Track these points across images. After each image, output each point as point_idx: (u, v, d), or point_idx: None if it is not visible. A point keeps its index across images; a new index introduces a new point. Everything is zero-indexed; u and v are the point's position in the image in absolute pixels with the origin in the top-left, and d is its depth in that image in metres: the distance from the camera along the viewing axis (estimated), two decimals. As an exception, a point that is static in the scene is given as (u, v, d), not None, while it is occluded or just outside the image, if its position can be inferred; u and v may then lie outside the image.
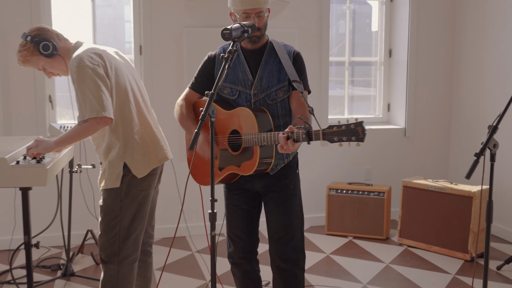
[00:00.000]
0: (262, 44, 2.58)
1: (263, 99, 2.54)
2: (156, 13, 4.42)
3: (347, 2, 5.22)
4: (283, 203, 2.62)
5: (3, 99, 4.18)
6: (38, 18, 4.18)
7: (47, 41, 2.53)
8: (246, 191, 2.66)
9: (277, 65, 2.55)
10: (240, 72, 2.55)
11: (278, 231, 2.62)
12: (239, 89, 2.56)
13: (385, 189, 4.56)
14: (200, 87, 2.64)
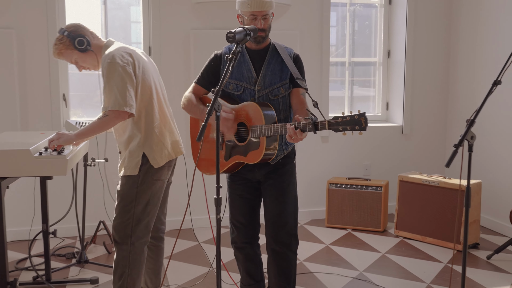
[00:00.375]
0: (265, 45, 2.82)
1: (266, 95, 2.77)
2: (165, 16, 4.66)
3: (347, 5, 5.44)
4: (280, 189, 2.85)
5: (21, 98, 4.42)
6: (54, 21, 4.43)
7: (82, 37, 2.78)
8: (248, 181, 2.90)
9: (279, 65, 2.78)
10: (245, 70, 2.79)
11: (273, 216, 2.86)
12: (243, 85, 2.79)
13: (382, 184, 4.79)
14: (206, 82, 2.88)
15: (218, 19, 4.76)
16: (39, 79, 4.47)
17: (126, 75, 2.65)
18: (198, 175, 2.84)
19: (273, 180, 2.85)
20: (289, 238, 2.87)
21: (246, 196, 2.93)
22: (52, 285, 3.54)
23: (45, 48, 4.44)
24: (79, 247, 4.23)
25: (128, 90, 2.63)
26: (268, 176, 2.85)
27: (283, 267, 2.90)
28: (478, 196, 4.36)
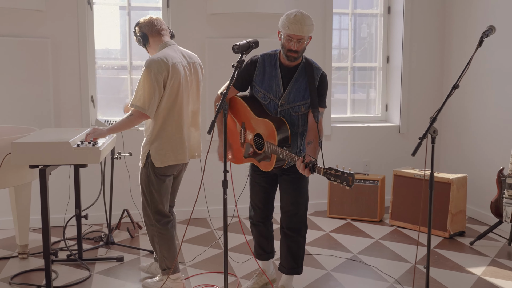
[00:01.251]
0: (297, 63, 3.17)
1: (288, 110, 3.20)
2: (182, 26, 5.18)
3: (349, 14, 5.92)
4: (293, 184, 3.33)
5: (55, 99, 4.97)
6: (84, 30, 4.98)
7: (142, 34, 3.39)
8: (266, 173, 3.37)
9: (305, 84, 3.18)
10: (274, 84, 3.20)
11: (287, 205, 3.36)
12: (270, 97, 3.22)
13: (379, 178, 5.25)
14: (239, 83, 3.29)
15: (230, 29, 5.28)
16: (70, 82, 5.02)
17: (157, 84, 3.17)
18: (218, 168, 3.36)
19: (288, 177, 3.32)
20: (300, 224, 3.38)
21: (263, 184, 3.44)
22: (83, 262, 4.07)
23: (76, 55, 4.99)
24: (105, 232, 4.77)
25: (154, 96, 3.16)
26: (283, 172, 3.32)
27: (293, 249, 3.40)
28: (464, 188, 4.81)
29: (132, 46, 5.37)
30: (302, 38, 3.03)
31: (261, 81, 3.21)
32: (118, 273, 3.91)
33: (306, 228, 3.42)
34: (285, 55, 3.10)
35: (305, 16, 3.03)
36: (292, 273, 3.43)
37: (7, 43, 4.78)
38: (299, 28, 2.99)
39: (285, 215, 3.37)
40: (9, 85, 4.82)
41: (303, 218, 3.39)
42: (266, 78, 3.22)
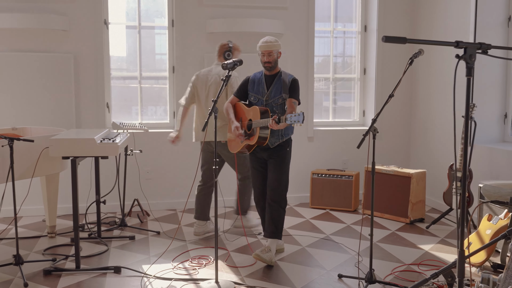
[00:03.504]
0: (275, 72, 4.40)
1: (270, 103, 4.32)
2: (185, 42, 6.06)
3: (331, 33, 6.79)
4: (276, 165, 4.35)
5: (76, 105, 5.85)
6: (101, 47, 5.86)
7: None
8: (259, 159, 4.46)
9: (281, 85, 4.30)
10: (261, 87, 4.38)
11: (271, 182, 4.36)
12: (258, 96, 4.38)
13: (353, 174, 6.10)
14: (239, 94, 4.52)
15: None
16: (89, 91, 5.90)
17: (192, 87, 4.69)
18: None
19: (273, 159, 4.37)
20: (280, 198, 4.35)
21: (258, 168, 4.49)
22: (102, 240, 4.93)
23: (94, 68, 5.87)
24: (118, 218, 5.62)
25: (188, 94, 4.71)
26: (270, 156, 4.37)
27: (274, 217, 4.34)
28: (423, 181, 5.65)
29: (142, 60, 6.25)
30: (270, 52, 4.28)
31: (252, 89, 4.41)
32: (131, 248, 4.77)
33: (285, 202, 4.38)
34: (263, 66, 4.33)
35: (270, 38, 4.31)
36: (273, 237, 4.32)
37: (36, 58, 5.67)
38: (266, 45, 4.29)
39: (270, 189, 4.34)
40: (38, 93, 5.70)
41: (283, 193, 4.36)
42: (255, 86, 4.39)
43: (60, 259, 4.40)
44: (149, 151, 5.99)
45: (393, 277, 4.02)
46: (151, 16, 6.34)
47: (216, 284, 3.80)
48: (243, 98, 4.52)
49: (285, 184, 4.38)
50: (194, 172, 5.79)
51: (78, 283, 3.92)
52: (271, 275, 4.10)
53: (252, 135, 4.27)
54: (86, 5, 5.78)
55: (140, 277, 4.02)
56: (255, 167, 4.53)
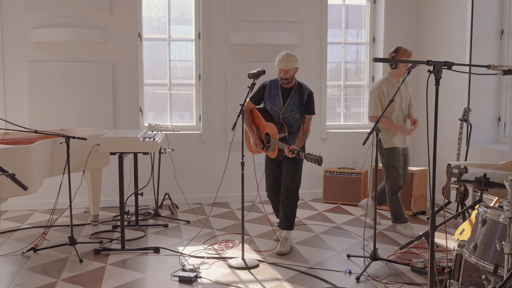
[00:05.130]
0: (291, 85, 4.79)
1: (287, 117, 4.80)
2: (211, 53, 6.76)
3: (342, 43, 7.45)
4: (290, 167, 4.85)
5: (114, 109, 6.56)
6: (136, 57, 6.58)
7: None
8: (274, 161, 4.96)
9: (297, 99, 4.76)
10: (277, 100, 4.81)
11: (285, 181, 4.88)
12: (275, 108, 4.84)
13: (362, 171, 6.74)
14: (255, 100, 4.95)
15: (248, 56, 6.84)
16: (125, 97, 6.62)
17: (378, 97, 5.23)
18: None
19: (288, 161, 4.85)
20: (293, 195, 4.88)
21: (273, 168, 5.03)
22: (140, 227, 5.61)
23: (129, 76, 6.58)
24: (151, 209, 6.31)
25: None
26: (285, 159, 4.85)
27: (287, 212, 4.92)
28: (425, 178, 6.27)
29: (171, 69, 6.96)
30: (288, 70, 4.63)
31: (269, 98, 4.83)
32: (165, 233, 5.45)
33: (297, 199, 4.93)
34: (280, 82, 4.74)
35: (289, 55, 4.63)
36: (286, 229, 4.94)
37: (80, 67, 6.40)
38: (284, 64, 4.62)
39: (284, 188, 4.90)
40: (80, 99, 6.42)
41: (296, 191, 4.90)
42: (272, 96, 4.84)
43: (106, 241, 5.10)
44: (178, 150, 6.68)
45: (394, 257, 4.65)
46: (179, 29, 7.05)
47: (243, 261, 4.47)
48: (259, 103, 4.98)
49: (298, 183, 4.89)
50: (220, 170, 6.49)
51: (124, 260, 4.60)
52: (289, 255, 4.75)
53: (271, 150, 4.80)
54: (123, 20, 6.50)
55: (176, 256, 4.69)
56: (270, 167, 5.05)
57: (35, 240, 5.02)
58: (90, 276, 4.22)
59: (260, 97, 4.93)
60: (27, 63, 6.30)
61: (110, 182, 6.44)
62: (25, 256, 4.70)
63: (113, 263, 4.52)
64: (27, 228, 5.62)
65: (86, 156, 5.09)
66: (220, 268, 4.42)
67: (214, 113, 6.83)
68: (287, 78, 4.69)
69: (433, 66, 2.33)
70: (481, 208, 2.68)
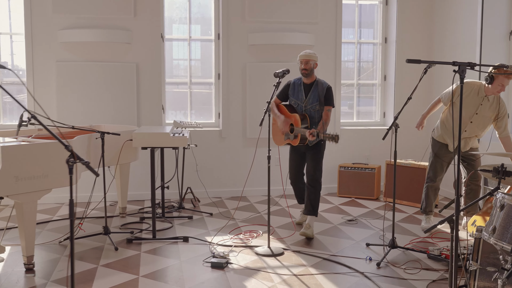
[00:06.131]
0: (312, 81, 5.27)
1: (309, 108, 5.21)
2: (230, 53, 7.04)
3: (355, 43, 7.73)
4: (314, 156, 5.28)
5: (138, 106, 6.85)
6: (159, 57, 6.87)
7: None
8: (297, 149, 5.41)
9: (317, 93, 5.20)
10: (300, 94, 5.26)
11: (309, 170, 5.29)
12: (298, 102, 5.27)
13: (376, 167, 7.02)
14: (280, 96, 5.40)
15: (265, 55, 7.12)
16: (148, 95, 6.91)
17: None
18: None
19: (311, 152, 5.28)
20: (316, 182, 5.28)
21: (296, 158, 5.50)
22: (166, 219, 5.90)
23: (152, 75, 6.87)
24: (174, 204, 6.59)
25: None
26: (309, 149, 5.28)
27: (311, 198, 5.29)
28: (436, 173, 6.53)
29: (192, 69, 7.24)
30: (308, 61, 5.18)
31: (292, 94, 5.29)
32: (191, 224, 5.73)
33: (320, 186, 5.31)
34: (301, 73, 5.22)
35: (310, 51, 5.23)
36: (311, 214, 5.29)
37: (105, 67, 6.69)
38: (304, 55, 5.22)
39: (308, 176, 5.30)
40: (106, 97, 6.72)
41: (319, 179, 5.29)
42: (295, 92, 5.28)
43: (136, 232, 5.39)
44: (199, 146, 6.96)
45: (411, 245, 4.93)
46: (200, 31, 7.33)
47: (269, 249, 4.75)
48: (284, 100, 5.45)
49: (320, 171, 5.31)
50: (239, 165, 6.78)
51: (156, 248, 4.89)
52: (311, 244, 5.04)
53: (294, 139, 5.19)
54: (146, 22, 6.79)
55: (205, 245, 4.98)
56: (293, 157, 5.51)
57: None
58: (127, 262, 4.51)
59: (285, 94, 5.39)
60: (55, 63, 6.59)
61: (132, 177, 6.73)
62: (62, 245, 4.99)
63: (146, 251, 4.80)
64: (58, 220, 5.91)
65: (118, 151, 5.38)
66: (248, 255, 4.70)
67: (233, 111, 7.12)
68: (307, 69, 5.19)
69: (458, 66, 2.59)
70: (499, 194, 2.96)
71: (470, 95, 5.11)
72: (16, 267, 4.36)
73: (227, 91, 7.10)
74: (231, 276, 4.18)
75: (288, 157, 5.59)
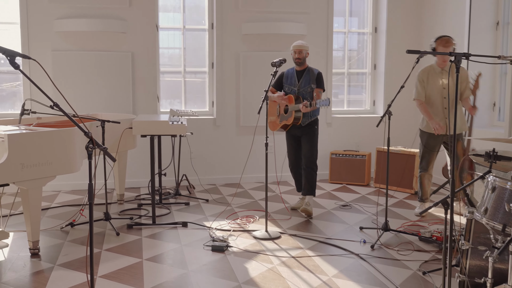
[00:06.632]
0: (304, 68, 5.56)
1: (301, 91, 5.49)
2: (224, 42, 7.16)
3: (346, 33, 7.88)
4: (309, 139, 5.55)
5: (133, 94, 6.95)
6: (153, 46, 6.95)
7: None
8: (293, 136, 5.67)
9: (309, 78, 5.46)
10: (293, 80, 5.52)
11: (305, 152, 5.56)
12: (292, 87, 5.53)
13: (366, 153, 7.21)
14: (275, 86, 5.67)
15: (258, 45, 7.25)
16: (144, 84, 7.00)
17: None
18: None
19: (306, 136, 5.55)
20: (312, 163, 5.56)
21: (293, 143, 5.74)
22: (163, 205, 6.03)
23: (147, 64, 6.97)
24: (170, 190, 6.72)
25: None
26: (303, 133, 5.55)
27: (309, 178, 5.57)
28: (425, 159, 6.73)
29: (187, 58, 7.34)
30: (301, 50, 5.51)
31: (286, 81, 5.57)
32: (188, 210, 5.88)
33: (316, 167, 5.59)
34: (294, 62, 5.52)
35: (302, 41, 5.51)
36: (309, 194, 5.58)
37: (100, 56, 6.77)
38: (298, 45, 5.55)
39: (305, 158, 5.57)
40: (102, 85, 6.80)
41: (315, 161, 5.58)
42: (289, 79, 5.55)
43: (136, 218, 5.52)
44: (193, 134, 7.09)
45: (402, 229, 5.12)
46: (194, 20, 7.43)
47: (266, 233, 4.92)
48: (279, 89, 5.69)
49: (316, 153, 5.60)
50: (233, 152, 6.92)
51: (156, 233, 5.03)
52: (306, 228, 5.21)
53: (289, 117, 5.46)
54: (141, 11, 6.87)
55: (203, 230, 5.13)
56: (290, 143, 5.74)
57: (72, 216, 5.43)
58: (129, 246, 4.65)
59: (280, 83, 5.72)
60: (51, 52, 6.65)
61: (128, 165, 6.84)
62: (63, 231, 5.10)
63: (147, 236, 4.94)
64: (57, 206, 6.01)
65: (118, 139, 5.49)
66: (246, 239, 4.86)
67: (227, 99, 7.25)
68: (300, 58, 5.52)
69: (454, 57, 2.76)
70: (491, 177, 3.15)
71: (429, 76, 5.51)
72: (21, 252, 4.47)
73: (221, 80, 7.22)
74: (231, 259, 4.34)
75: (286, 145, 5.81)
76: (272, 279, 3.91)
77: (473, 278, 3.34)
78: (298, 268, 4.12)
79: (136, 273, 4.03)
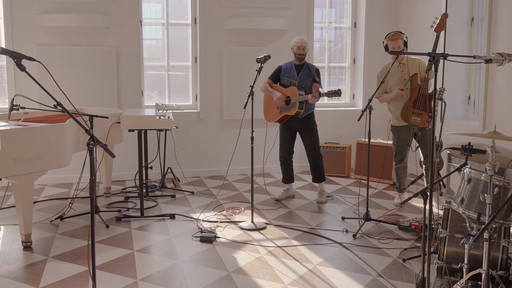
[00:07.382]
0: (302, 63, 5.86)
1: (301, 85, 5.72)
2: (207, 37, 7.27)
3: (326, 28, 8.06)
4: (310, 132, 5.86)
5: (118, 89, 7.03)
6: (137, 41, 7.04)
7: None
8: (289, 128, 5.92)
9: (308, 72, 5.72)
10: (292, 73, 5.76)
11: (309, 146, 5.89)
12: (291, 80, 5.77)
13: (346, 146, 7.42)
14: (273, 78, 5.91)
15: (241, 39, 7.39)
16: (128, 79, 7.09)
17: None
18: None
19: (305, 129, 5.82)
20: (317, 154, 5.93)
21: (288, 135, 5.99)
22: (150, 197, 6.16)
23: (131, 59, 7.05)
24: (156, 183, 6.85)
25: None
26: (300, 126, 5.83)
27: (317, 168, 5.95)
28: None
29: (170, 53, 7.45)
30: (304, 47, 5.80)
31: (284, 74, 5.84)
32: (174, 203, 6.02)
33: (321, 156, 5.97)
34: (296, 58, 5.80)
35: (303, 38, 5.75)
36: (320, 181, 6.01)
37: (84, 51, 6.84)
38: (301, 42, 5.82)
39: (309, 151, 5.92)
40: (87, 80, 6.88)
41: (319, 151, 5.98)
42: (288, 72, 5.82)
43: (124, 210, 5.64)
44: (178, 128, 7.21)
45: (383, 218, 5.34)
46: (177, 15, 7.53)
47: (252, 223, 5.09)
48: (276, 82, 5.97)
49: (318, 144, 5.96)
50: (216, 145, 7.07)
51: (145, 225, 5.17)
52: (291, 218, 5.40)
53: (291, 108, 5.71)
54: (125, 7, 6.95)
55: (191, 221, 5.28)
56: (285, 134, 6.02)
57: (62, 210, 5.53)
58: (120, 238, 4.78)
59: (277, 76, 5.98)
60: (35, 47, 6.70)
61: (114, 159, 6.93)
62: (53, 224, 5.21)
63: (136, 228, 5.08)
64: (44, 200, 6.10)
65: (106, 133, 5.59)
66: (233, 230, 5.03)
67: (211, 93, 7.38)
68: (303, 54, 5.82)
69: (433, 57, 2.94)
70: (467, 169, 3.36)
71: (388, 72, 5.52)
72: (13, 245, 4.57)
73: (204, 74, 7.34)
74: (220, 249, 4.50)
75: (279, 137, 6.04)
76: (260, 267, 4.09)
77: (451, 264, 3.55)
78: (284, 257, 4.31)
79: (128, 264, 4.17)
